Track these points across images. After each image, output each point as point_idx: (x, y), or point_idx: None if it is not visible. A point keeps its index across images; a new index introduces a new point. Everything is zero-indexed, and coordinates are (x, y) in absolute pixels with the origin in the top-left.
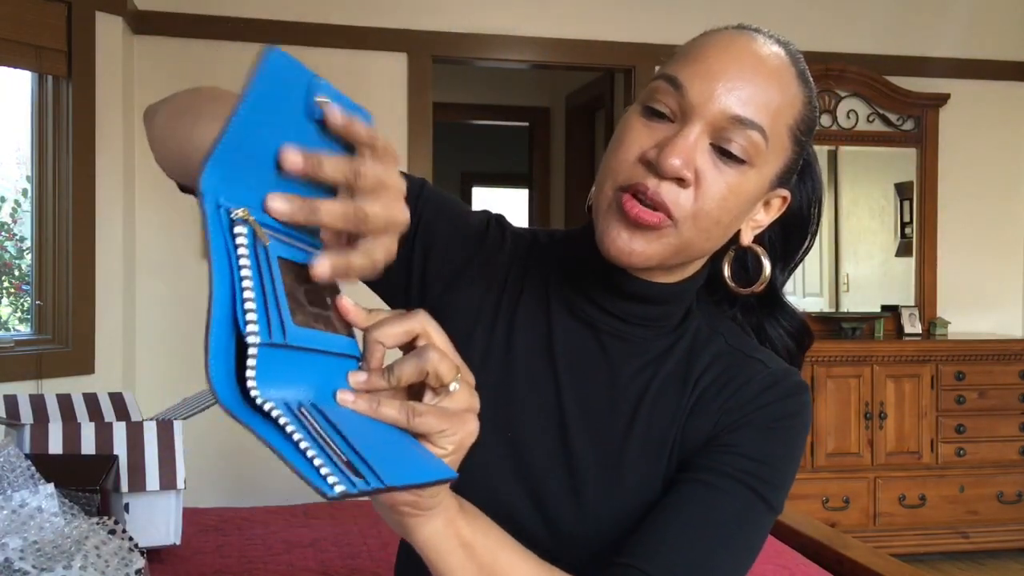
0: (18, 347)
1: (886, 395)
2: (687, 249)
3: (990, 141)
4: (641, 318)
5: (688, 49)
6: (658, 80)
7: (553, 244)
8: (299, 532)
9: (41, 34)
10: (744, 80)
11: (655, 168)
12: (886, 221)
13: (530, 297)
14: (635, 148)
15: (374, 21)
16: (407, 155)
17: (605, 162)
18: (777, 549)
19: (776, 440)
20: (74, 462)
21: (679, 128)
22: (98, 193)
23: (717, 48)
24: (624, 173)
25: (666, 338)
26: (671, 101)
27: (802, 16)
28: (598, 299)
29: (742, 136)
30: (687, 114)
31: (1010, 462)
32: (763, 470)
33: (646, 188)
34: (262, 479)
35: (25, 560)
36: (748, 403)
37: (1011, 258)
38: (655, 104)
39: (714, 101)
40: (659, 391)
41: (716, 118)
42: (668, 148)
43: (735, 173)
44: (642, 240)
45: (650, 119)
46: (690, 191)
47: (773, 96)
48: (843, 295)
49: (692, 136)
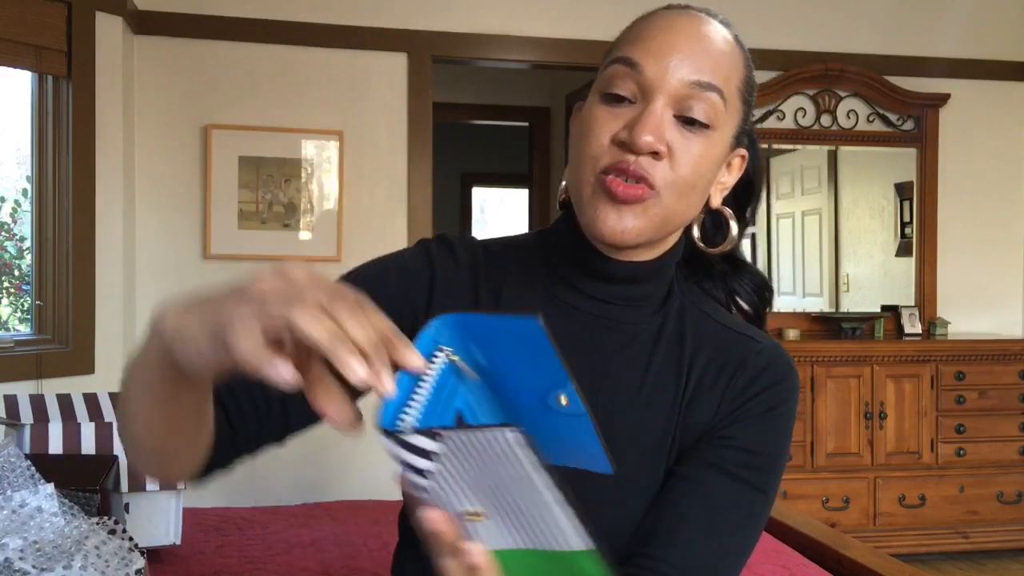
0: (18, 347)
1: (886, 395)
2: (671, 218)
3: (990, 141)
4: (627, 299)
5: (633, 34)
6: (613, 66)
7: (517, 248)
8: (299, 532)
9: (41, 34)
10: (694, 50)
11: (629, 147)
12: (886, 221)
13: (510, 302)
14: (605, 133)
15: (374, 21)
16: (407, 155)
17: (577, 154)
18: (777, 549)
19: (772, 429)
20: (74, 462)
21: (643, 106)
22: (98, 193)
23: (662, 27)
24: (603, 157)
25: (653, 318)
26: (630, 83)
27: (802, 16)
28: (582, 286)
29: (703, 101)
30: (648, 91)
31: (1010, 462)
32: (761, 460)
33: (627, 165)
34: (262, 479)
35: (25, 560)
36: (745, 390)
37: (1011, 258)
38: (615, 89)
39: (671, 73)
40: (653, 386)
41: (676, 89)
42: (638, 126)
43: (702, 138)
44: (631, 216)
45: (612, 105)
46: (665, 162)
47: (721, 61)
48: (843, 295)
49: (658, 111)
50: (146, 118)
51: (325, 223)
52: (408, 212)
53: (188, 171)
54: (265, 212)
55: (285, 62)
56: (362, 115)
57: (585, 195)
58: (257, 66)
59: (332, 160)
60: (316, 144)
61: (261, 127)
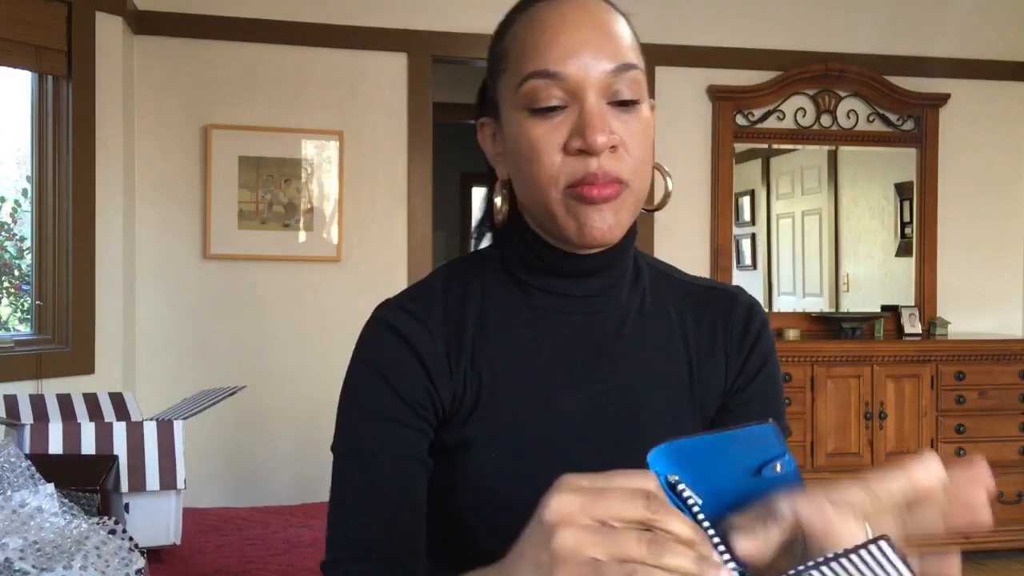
0: (18, 347)
1: (886, 395)
2: (640, 200)
3: (990, 141)
4: (607, 287)
5: (531, 42)
6: (530, 82)
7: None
8: (299, 532)
9: (41, 34)
10: (600, 38)
11: (587, 151)
12: (886, 221)
13: (497, 328)
14: (554, 148)
15: (374, 21)
16: (407, 155)
17: (528, 175)
18: None
19: (774, 372)
20: (74, 462)
21: (578, 108)
22: (98, 193)
23: (559, 25)
24: (563, 173)
25: (633, 295)
26: (554, 91)
27: (802, 16)
28: (561, 289)
29: (627, 81)
30: (576, 93)
31: (1010, 462)
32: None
33: (595, 176)
34: (262, 479)
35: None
36: (742, 342)
37: (1011, 258)
38: (543, 103)
39: (591, 69)
40: (661, 359)
41: (601, 81)
42: (588, 128)
43: (636, 114)
44: (611, 213)
45: (545, 117)
46: (621, 152)
47: (622, 37)
48: (843, 295)
49: (597, 108)
50: (146, 118)
51: (325, 223)
52: (408, 212)
53: (188, 171)
54: (265, 212)
55: (285, 62)
56: (362, 115)
57: (558, 212)
58: (257, 66)
59: (332, 160)
60: (316, 144)
61: (261, 127)
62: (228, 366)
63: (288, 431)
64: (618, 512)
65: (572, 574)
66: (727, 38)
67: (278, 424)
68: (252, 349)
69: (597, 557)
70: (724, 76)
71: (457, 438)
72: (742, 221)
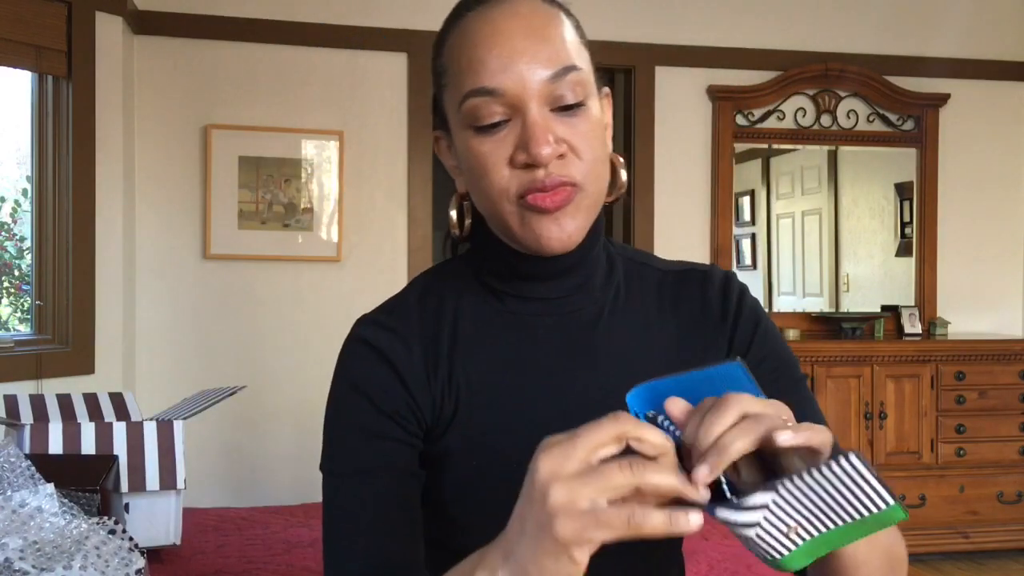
0: (18, 347)
1: (886, 395)
2: (597, 198)
3: (990, 141)
4: (578, 285)
5: (465, 59)
6: (469, 100)
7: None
8: (299, 532)
9: (41, 34)
10: (533, 45)
11: (534, 164)
12: (886, 221)
13: (468, 341)
14: (501, 163)
15: (374, 21)
16: (407, 155)
17: (480, 190)
18: None
19: (769, 331)
20: (74, 462)
21: (521, 120)
22: (98, 193)
23: (490, 39)
24: (513, 185)
25: (608, 288)
26: (495, 107)
27: (802, 16)
28: (534, 293)
29: (568, 85)
30: (517, 106)
31: (1010, 462)
32: (789, 357)
33: (543, 183)
34: (262, 479)
35: (25, 560)
36: (725, 317)
37: (1011, 258)
38: (484, 121)
39: (528, 79)
40: (648, 349)
41: (541, 90)
42: (531, 142)
43: (583, 116)
44: (568, 219)
45: (489, 133)
46: (570, 157)
47: (559, 38)
48: (843, 295)
49: (538, 118)
50: (146, 118)
51: (325, 223)
52: (408, 212)
53: (188, 171)
54: (265, 212)
55: (285, 62)
56: (362, 115)
57: (514, 224)
58: (257, 66)
59: (332, 160)
60: (316, 144)
61: (261, 127)
62: (228, 366)
63: (288, 431)
64: (596, 441)
65: (574, 526)
66: (727, 38)
67: (278, 424)
68: (252, 349)
69: (590, 502)
70: (724, 76)
71: (439, 448)
72: (742, 221)
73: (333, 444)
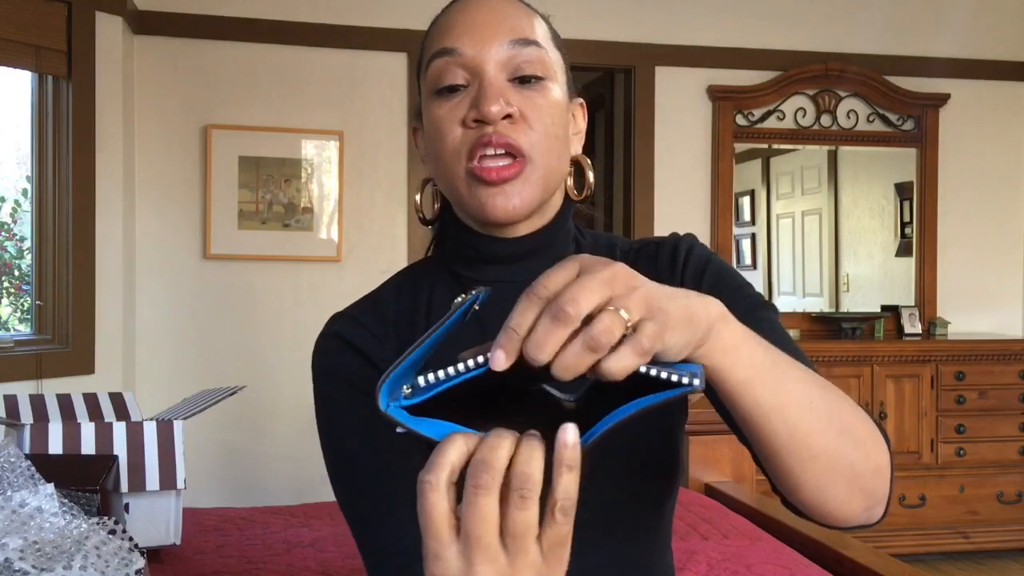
0: (18, 347)
1: (886, 395)
2: (550, 176)
3: (990, 141)
4: (542, 270)
5: (436, 31)
6: (432, 62)
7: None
8: (299, 532)
9: (41, 34)
10: (500, 18)
11: (482, 121)
12: (886, 221)
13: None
14: (455, 123)
15: (374, 21)
16: (407, 155)
17: (437, 155)
18: (777, 549)
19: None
20: (74, 462)
21: (478, 84)
22: (98, 193)
23: (462, 12)
24: (465, 146)
25: None
26: (455, 71)
27: (802, 16)
28: (497, 276)
29: (527, 57)
30: (475, 69)
31: (1010, 462)
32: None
33: (488, 138)
34: (262, 479)
35: (25, 560)
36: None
37: (1011, 258)
38: (445, 82)
39: (488, 44)
40: None
41: (500, 56)
42: (482, 99)
43: (542, 90)
44: (514, 191)
45: (448, 97)
46: (521, 124)
47: (524, 19)
48: (843, 295)
49: (494, 79)
50: (146, 118)
51: (325, 223)
52: (408, 212)
53: (188, 171)
54: (265, 212)
55: (285, 62)
56: (362, 115)
57: (463, 191)
58: (257, 66)
59: (332, 160)
60: (316, 144)
61: (261, 127)
62: (228, 366)
63: (288, 431)
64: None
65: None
66: (727, 38)
67: (278, 424)
68: (252, 349)
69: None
70: (724, 76)
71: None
72: (742, 221)
73: (334, 437)
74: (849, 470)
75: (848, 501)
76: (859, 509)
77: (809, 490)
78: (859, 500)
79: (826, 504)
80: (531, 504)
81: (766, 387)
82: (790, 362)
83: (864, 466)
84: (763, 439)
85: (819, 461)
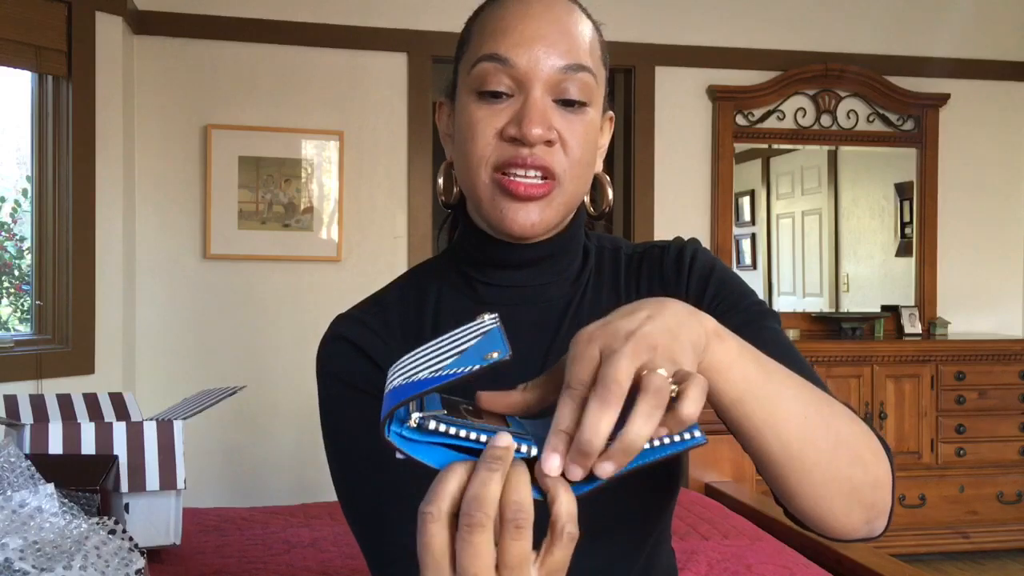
0: (18, 347)
1: (886, 395)
2: (573, 200)
3: (990, 141)
4: (551, 277)
5: (490, 26)
6: (481, 64)
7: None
8: (299, 532)
9: (41, 34)
10: (557, 35)
11: (521, 141)
12: (886, 221)
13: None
14: (490, 130)
15: (374, 21)
16: (407, 155)
17: (464, 154)
18: (777, 549)
19: (724, 277)
20: (74, 462)
21: (523, 98)
22: (98, 193)
23: (519, 15)
24: (494, 154)
25: (578, 281)
26: (503, 78)
27: (802, 16)
28: (507, 281)
29: (576, 82)
30: (523, 83)
31: (1010, 462)
32: (748, 299)
33: (524, 159)
34: (262, 479)
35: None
36: (679, 277)
37: (1011, 258)
38: (489, 87)
39: (542, 62)
40: None
41: (550, 76)
42: (526, 119)
43: (582, 117)
44: (537, 209)
45: (490, 102)
46: (558, 148)
47: (581, 39)
48: (843, 295)
49: (540, 101)
50: (146, 118)
51: (325, 223)
52: (408, 212)
53: (188, 171)
54: (265, 212)
55: (285, 62)
56: (362, 115)
57: (484, 197)
58: (257, 66)
59: (332, 160)
60: (316, 144)
61: (261, 127)
62: (228, 366)
63: (288, 431)
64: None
65: None
66: (727, 38)
67: (278, 424)
68: (252, 349)
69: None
70: (724, 76)
71: None
72: (742, 221)
73: (339, 440)
74: (846, 483)
75: (847, 514)
76: (859, 522)
77: (806, 502)
78: (858, 513)
79: (824, 517)
80: (526, 534)
81: (757, 403)
82: (786, 376)
83: (863, 480)
84: (755, 452)
85: (813, 475)
